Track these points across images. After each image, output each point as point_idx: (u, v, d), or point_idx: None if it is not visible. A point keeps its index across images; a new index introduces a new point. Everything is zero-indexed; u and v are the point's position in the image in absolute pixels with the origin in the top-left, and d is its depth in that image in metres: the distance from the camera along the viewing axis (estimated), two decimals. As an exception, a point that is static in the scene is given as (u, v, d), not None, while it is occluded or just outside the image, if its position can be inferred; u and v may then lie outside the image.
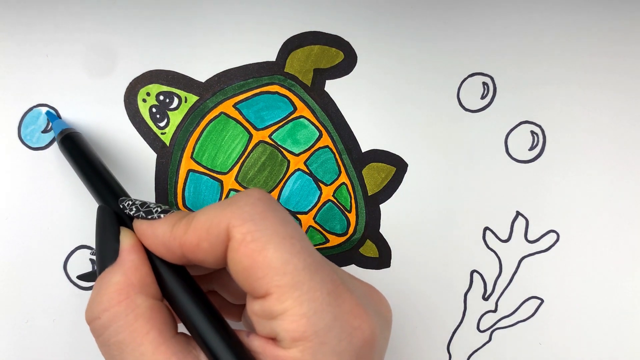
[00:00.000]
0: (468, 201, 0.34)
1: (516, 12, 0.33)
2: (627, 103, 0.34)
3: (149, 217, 0.24)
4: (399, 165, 0.34)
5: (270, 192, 0.33)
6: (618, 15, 0.34)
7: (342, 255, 0.34)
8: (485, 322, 0.34)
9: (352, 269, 0.34)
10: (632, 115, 0.34)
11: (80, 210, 0.33)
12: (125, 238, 0.24)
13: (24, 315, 0.33)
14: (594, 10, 0.34)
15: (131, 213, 0.25)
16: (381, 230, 0.34)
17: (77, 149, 0.30)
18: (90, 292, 0.33)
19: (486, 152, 0.34)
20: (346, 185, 0.34)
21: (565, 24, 0.34)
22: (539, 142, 0.34)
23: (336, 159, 0.34)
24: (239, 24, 0.33)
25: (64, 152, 0.30)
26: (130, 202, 0.25)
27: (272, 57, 0.33)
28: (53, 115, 0.33)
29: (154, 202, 0.30)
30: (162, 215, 0.24)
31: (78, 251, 0.33)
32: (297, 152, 0.34)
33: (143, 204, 0.25)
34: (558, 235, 0.34)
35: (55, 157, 0.33)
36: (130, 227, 0.25)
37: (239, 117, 0.33)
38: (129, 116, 0.33)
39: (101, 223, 0.25)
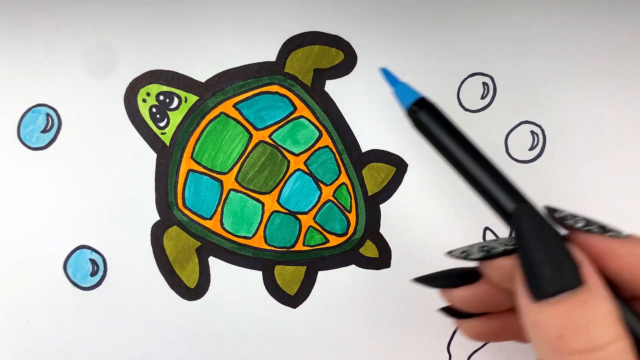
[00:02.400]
0: (468, 201, 0.34)
1: (516, 12, 0.33)
2: (627, 103, 0.34)
3: (609, 233, 0.21)
4: (399, 165, 0.34)
5: (270, 192, 0.33)
6: (618, 15, 0.34)
7: (342, 256, 0.34)
8: (485, 322, 0.34)
9: (352, 269, 0.34)
10: (632, 115, 0.34)
11: (80, 210, 0.33)
12: (583, 258, 0.20)
13: (24, 315, 0.33)
14: (594, 10, 0.34)
15: (577, 225, 0.22)
16: (381, 230, 0.34)
17: (449, 128, 0.24)
18: (89, 292, 0.33)
19: (486, 152, 0.34)
20: (346, 185, 0.34)
21: (565, 24, 0.34)
22: (539, 142, 0.34)
23: (336, 159, 0.34)
24: (239, 24, 0.33)
25: (424, 129, 0.24)
26: (569, 214, 0.22)
27: (272, 57, 0.33)
28: (393, 77, 0.25)
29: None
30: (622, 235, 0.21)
31: (78, 251, 0.33)
32: (297, 152, 0.34)
33: (584, 219, 0.22)
34: (558, 235, 0.34)
35: (54, 157, 0.33)
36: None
37: (239, 117, 0.33)
38: (129, 116, 0.33)
39: (536, 230, 0.21)
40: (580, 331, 0.19)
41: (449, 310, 0.27)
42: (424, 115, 0.24)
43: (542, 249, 0.20)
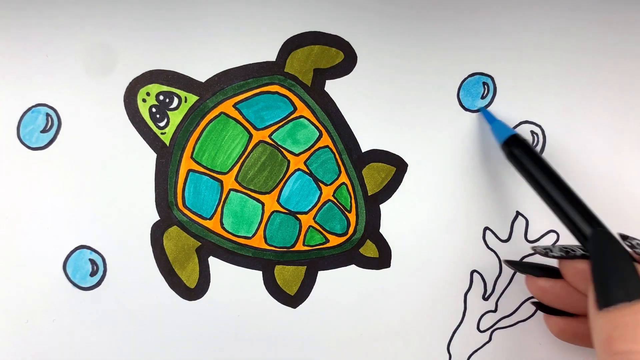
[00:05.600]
0: (468, 201, 0.34)
1: (516, 12, 0.33)
2: (627, 103, 0.34)
3: None
4: (399, 165, 0.34)
5: (270, 192, 0.33)
6: (618, 15, 0.34)
7: (342, 255, 0.34)
8: (485, 322, 0.34)
9: (352, 269, 0.34)
10: (632, 115, 0.34)
11: (80, 210, 0.33)
12: None
13: (23, 315, 0.33)
14: (594, 10, 0.34)
15: None
16: (381, 230, 0.34)
17: (537, 160, 0.30)
18: (90, 292, 0.33)
19: (486, 152, 0.34)
20: (346, 185, 0.34)
21: (565, 24, 0.34)
22: (538, 141, 0.34)
23: (336, 159, 0.34)
24: (239, 24, 0.33)
25: (516, 161, 0.30)
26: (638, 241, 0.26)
27: (272, 57, 0.33)
28: (491, 116, 0.32)
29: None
30: None
31: (77, 251, 0.33)
32: (297, 152, 0.34)
33: None
34: (558, 235, 0.34)
35: (54, 157, 0.33)
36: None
37: (239, 117, 0.33)
38: (128, 116, 0.33)
39: (609, 251, 0.25)
40: (626, 335, 0.22)
41: (538, 305, 0.31)
42: (516, 149, 0.30)
43: (613, 267, 0.24)
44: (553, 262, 0.31)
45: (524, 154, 0.30)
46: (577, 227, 0.27)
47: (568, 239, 0.34)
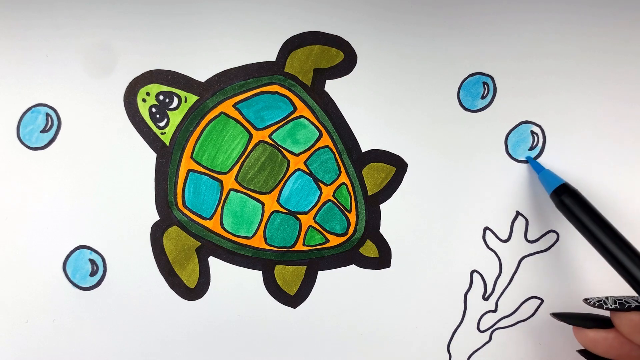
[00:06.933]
0: (468, 201, 0.34)
1: (516, 12, 0.33)
2: (627, 102, 0.34)
3: None
4: (399, 165, 0.34)
5: (270, 192, 0.33)
6: (618, 15, 0.34)
7: (342, 256, 0.34)
8: (485, 322, 0.34)
9: (352, 269, 0.34)
10: (632, 114, 0.34)
11: (79, 210, 0.33)
12: None
13: (23, 315, 0.33)
14: (594, 10, 0.34)
15: None
16: (381, 230, 0.34)
17: (588, 209, 0.30)
18: (90, 292, 0.33)
19: (486, 152, 0.34)
20: (346, 185, 0.34)
21: (565, 25, 0.34)
22: (539, 142, 0.34)
23: (336, 159, 0.34)
24: (239, 24, 0.33)
25: (567, 210, 0.30)
26: None
27: (272, 57, 0.33)
28: (538, 165, 0.32)
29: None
30: None
31: (77, 251, 0.33)
32: (297, 152, 0.34)
33: None
34: (558, 235, 0.34)
35: (54, 157, 0.33)
36: None
37: (239, 117, 0.33)
38: (128, 116, 0.33)
39: None
40: None
41: (585, 354, 0.30)
42: (567, 198, 0.30)
43: None
44: (599, 311, 0.31)
45: (574, 203, 0.30)
46: (635, 279, 0.27)
47: (568, 239, 0.34)
